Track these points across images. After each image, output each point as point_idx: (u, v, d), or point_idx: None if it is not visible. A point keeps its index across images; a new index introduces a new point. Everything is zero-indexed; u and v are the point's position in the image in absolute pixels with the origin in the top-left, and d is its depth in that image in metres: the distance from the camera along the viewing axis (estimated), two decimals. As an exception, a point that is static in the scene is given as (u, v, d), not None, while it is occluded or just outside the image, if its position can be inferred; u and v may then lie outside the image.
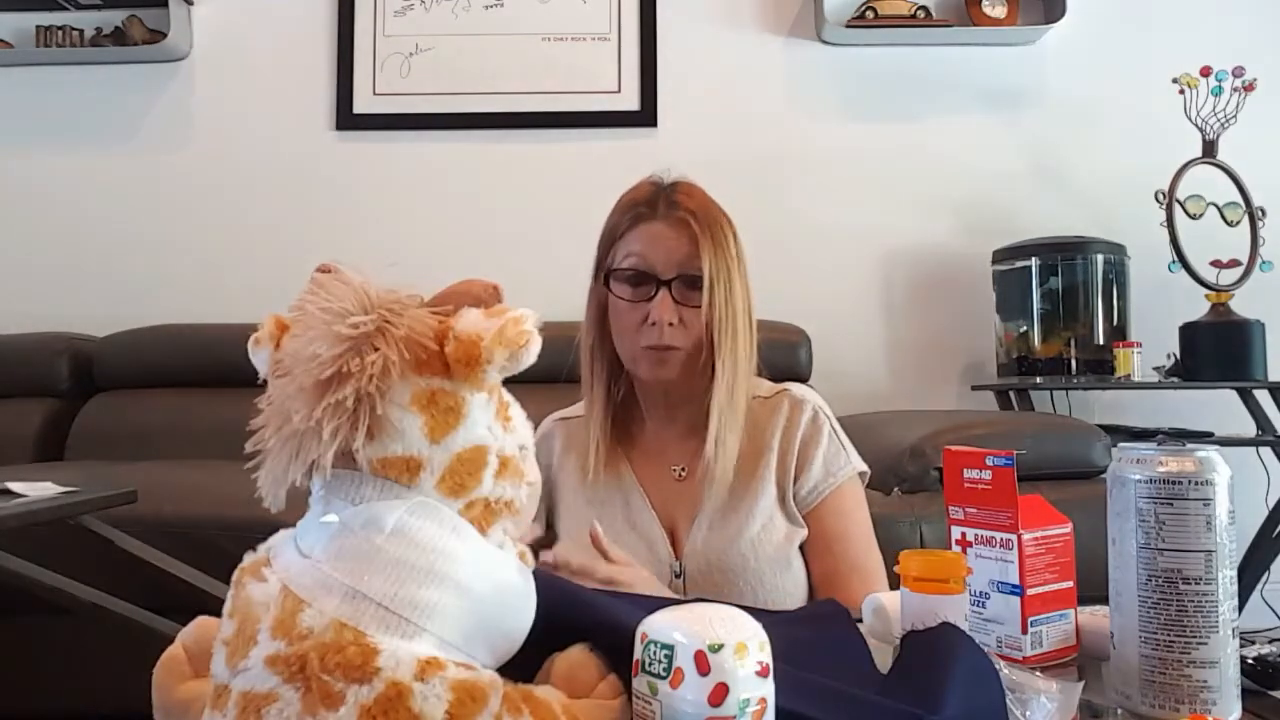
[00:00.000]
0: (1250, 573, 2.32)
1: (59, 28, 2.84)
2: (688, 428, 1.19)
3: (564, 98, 2.83)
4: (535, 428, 1.20)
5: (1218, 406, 2.59)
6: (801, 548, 1.17)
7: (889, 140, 2.84)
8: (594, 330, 1.20)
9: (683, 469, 1.19)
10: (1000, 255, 2.64)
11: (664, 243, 1.12)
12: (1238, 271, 2.50)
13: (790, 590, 1.14)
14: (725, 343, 1.12)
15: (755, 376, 1.21)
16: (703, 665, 0.52)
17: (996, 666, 0.66)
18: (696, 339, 1.13)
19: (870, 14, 2.75)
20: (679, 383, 1.15)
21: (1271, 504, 2.36)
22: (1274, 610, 2.51)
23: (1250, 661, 0.73)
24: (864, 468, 1.22)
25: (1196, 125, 2.53)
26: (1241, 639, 0.70)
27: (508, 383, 0.58)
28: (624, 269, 1.14)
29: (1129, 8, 2.85)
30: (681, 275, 1.12)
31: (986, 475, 0.80)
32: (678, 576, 1.14)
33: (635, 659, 0.55)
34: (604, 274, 1.17)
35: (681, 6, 2.85)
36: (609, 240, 1.18)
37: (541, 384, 0.95)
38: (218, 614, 0.56)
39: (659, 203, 1.15)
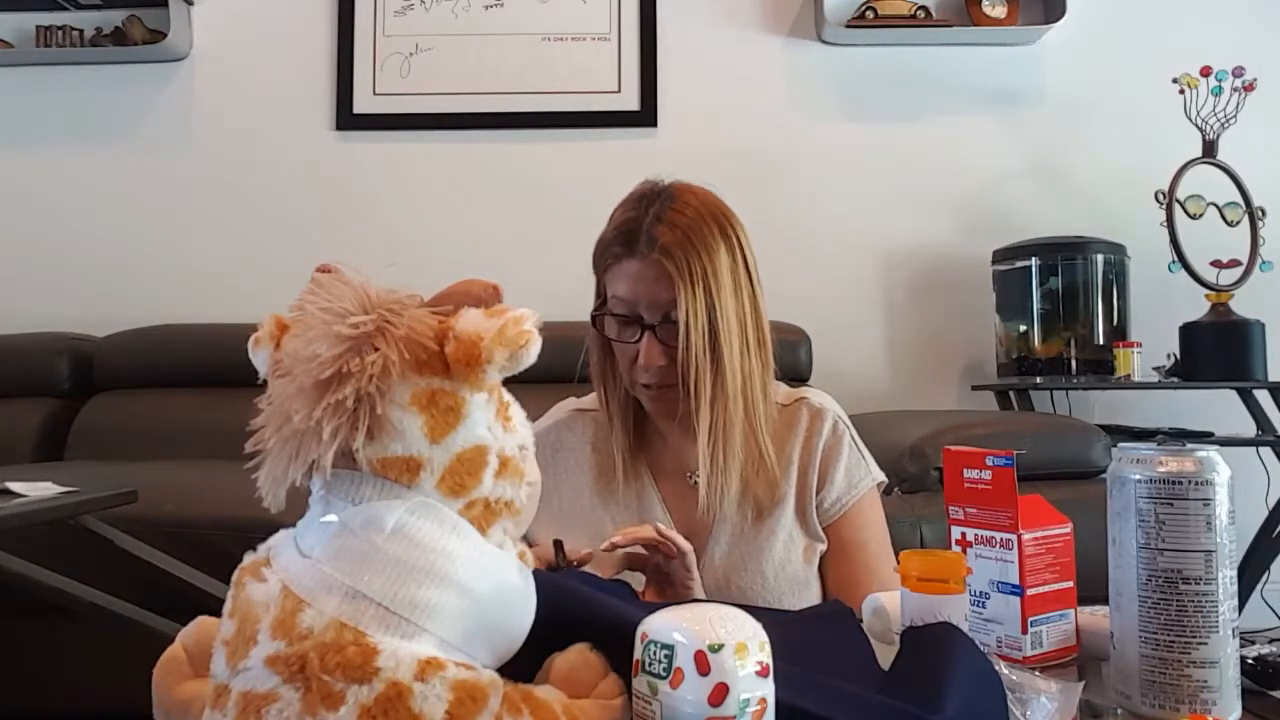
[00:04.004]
0: (1250, 573, 2.32)
1: (59, 28, 2.84)
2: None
3: (564, 98, 2.83)
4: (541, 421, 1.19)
5: (1218, 406, 2.58)
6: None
7: (889, 140, 2.84)
8: (598, 352, 1.17)
9: (698, 476, 1.16)
10: (1000, 255, 2.64)
11: (643, 286, 1.08)
12: (1238, 271, 2.50)
13: None
14: (704, 388, 1.08)
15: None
16: (703, 665, 0.52)
17: (996, 666, 0.65)
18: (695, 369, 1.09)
19: (870, 14, 2.75)
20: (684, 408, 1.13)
21: (1271, 504, 2.35)
22: (1274, 610, 2.51)
23: (1250, 661, 0.73)
24: (882, 478, 1.20)
25: (1196, 125, 2.53)
26: (1241, 639, 0.70)
27: (508, 383, 0.58)
28: (608, 312, 1.11)
29: (1129, 8, 2.85)
30: (666, 318, 1.08)
31: (986, 475, 0.80)
32: None
33: (635, 659, 0.55)
34: (592, 312, 1.14)
35: (681, 6, 2.85)
36: (598, 268, 1.15)
37: (541, 384, 0.95)
38: (218, 614, 0.56)
39: (639, 238, 1.08)
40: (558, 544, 0.97)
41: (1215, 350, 2.45)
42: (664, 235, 1.07)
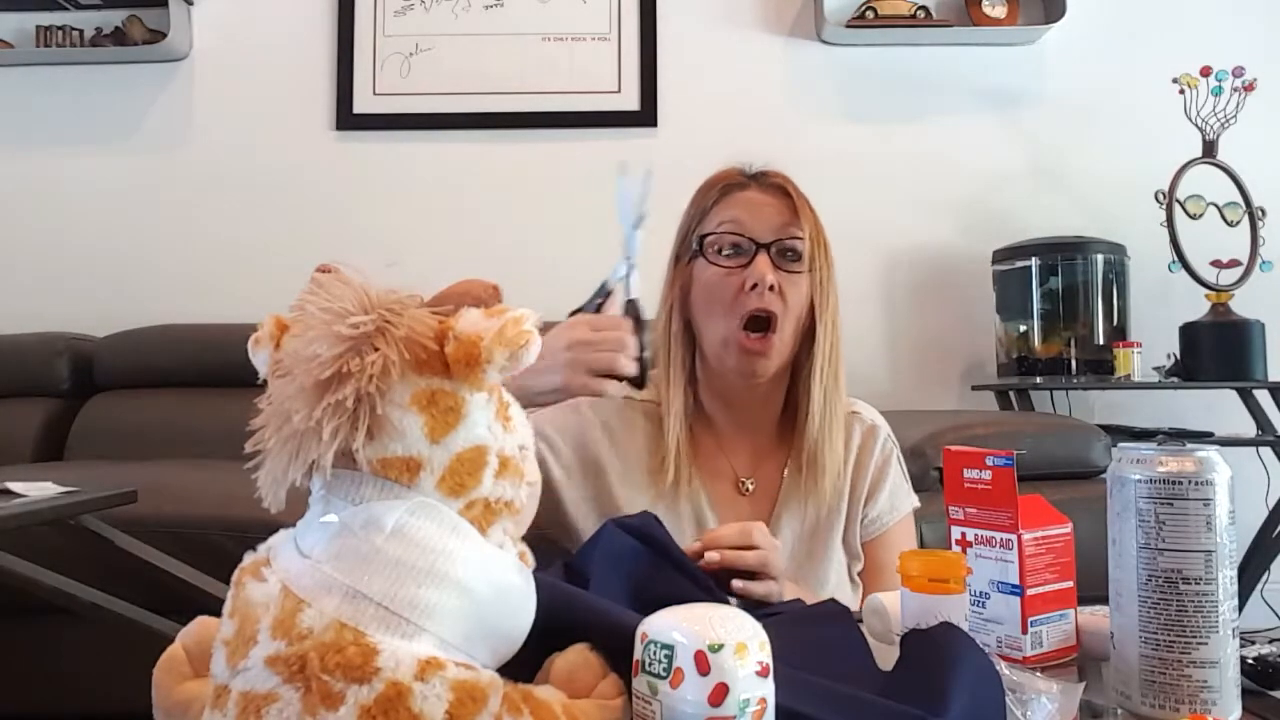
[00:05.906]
0: (1250, 573, 2.32)
1: (59, 28, 2.84)
2: (759, 439, 1.13)
3: (564, 98, 2.83)
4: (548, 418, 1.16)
5: (1218, 406, 2.58)
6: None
7: (889, 140, 2.84)
8: (678, 318, 1.12)
9: (750, 481, 1.12)
10: (1000, 255, 2.64)
11: (761, 209, 1.09)
12: (1238, 271, 2.50)
13: None
14: (826, 313, 1.06)
15: None
16: (703, 665, 0.52)
17: (996, 667, 0.65)
18: (795, 316, 1.07)
19: (870, 14, 2.75)
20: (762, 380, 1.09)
21: (1271, 504, 2.35)
22: (1274, 610, 2.51)
23: (1250, 661, 0.73)
24: (918, 503, 1.19)
25: (1196, 125, 2.53)
26: (1241, 639, 0.70)
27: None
28: (719, 233, 1.09)
29: (1129, 8, 2.85)
30: (779, 241, 1.07)
31: (986, 475, 0.79)
32: None
33: (635, 659, 0.55)
34: (694, 244, 1.11)
35: (681, 6, 2.85)
36: (695, 217, 1.13)
37: (541, 384, 0.94)
38: (218, 614, 0.56)
39: (756, 174, 1.14)
40: None
41: (1215, 350, 2.45)
42: (780, 176, 1.15)
